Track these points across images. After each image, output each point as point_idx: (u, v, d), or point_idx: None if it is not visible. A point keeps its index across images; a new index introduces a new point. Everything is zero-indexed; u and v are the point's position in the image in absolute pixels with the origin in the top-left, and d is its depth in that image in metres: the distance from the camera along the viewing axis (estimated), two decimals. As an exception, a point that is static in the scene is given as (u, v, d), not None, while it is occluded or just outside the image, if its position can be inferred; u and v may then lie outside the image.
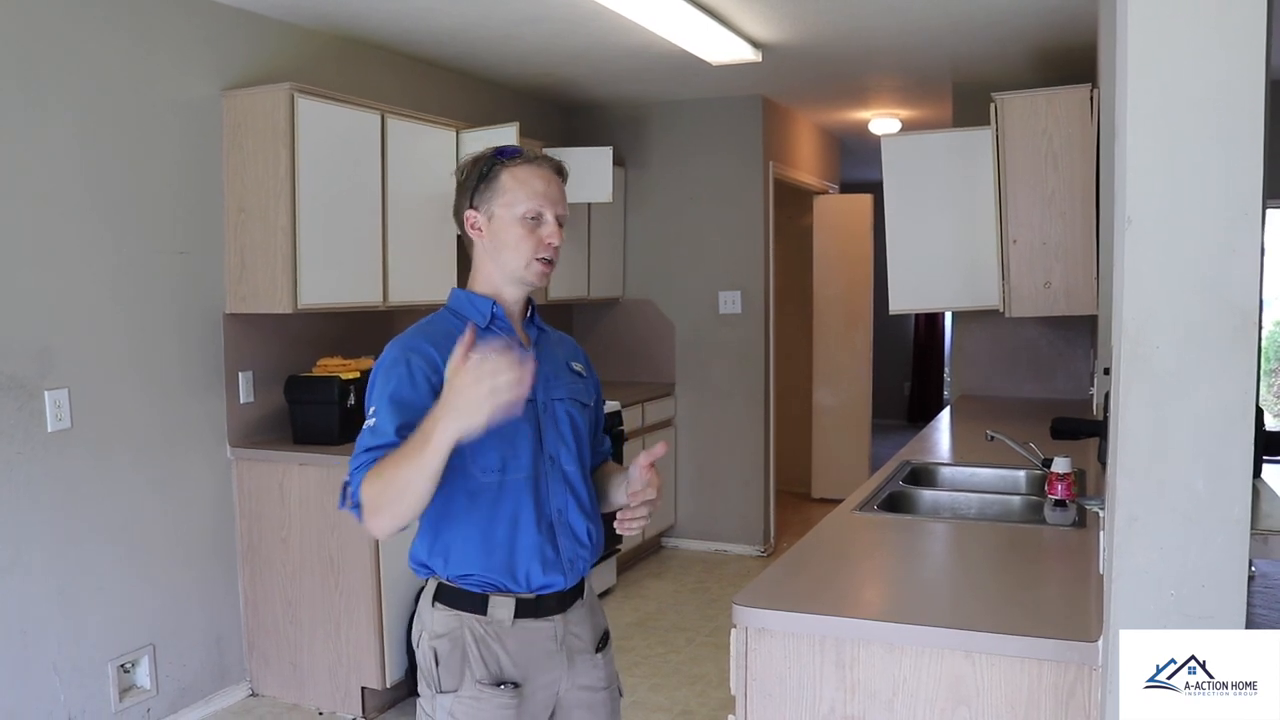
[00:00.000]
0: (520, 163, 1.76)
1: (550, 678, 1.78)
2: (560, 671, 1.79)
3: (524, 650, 1.75)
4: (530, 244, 1.74)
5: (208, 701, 3.55)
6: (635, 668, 3.99)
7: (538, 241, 1.74)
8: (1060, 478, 2.52)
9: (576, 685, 1.81)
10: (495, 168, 1.76)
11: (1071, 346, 4.78)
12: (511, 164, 1.75)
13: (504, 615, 1.73)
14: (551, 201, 1.75)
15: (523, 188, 1.74)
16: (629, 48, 4.32)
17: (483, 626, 1.73)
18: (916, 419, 9.68)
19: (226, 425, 3.62)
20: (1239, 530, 1.26)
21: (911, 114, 6.10)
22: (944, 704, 1.66)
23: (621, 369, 5.85)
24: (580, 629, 1.83)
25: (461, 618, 1.74)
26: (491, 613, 1.73)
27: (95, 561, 3.16)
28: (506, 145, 1.80)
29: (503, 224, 1.75)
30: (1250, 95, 1.20)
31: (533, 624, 1.75)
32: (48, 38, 2.99)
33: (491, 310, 1.77)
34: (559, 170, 1.80)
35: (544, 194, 1.74)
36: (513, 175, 1.75)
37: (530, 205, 1.74)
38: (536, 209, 1.74)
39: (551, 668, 1.78)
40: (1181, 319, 1.25)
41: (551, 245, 1.75)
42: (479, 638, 1.73)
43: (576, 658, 1.81)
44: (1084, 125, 3.66)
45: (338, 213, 3.65)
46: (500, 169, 1.76)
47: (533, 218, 1.74)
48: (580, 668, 1.81)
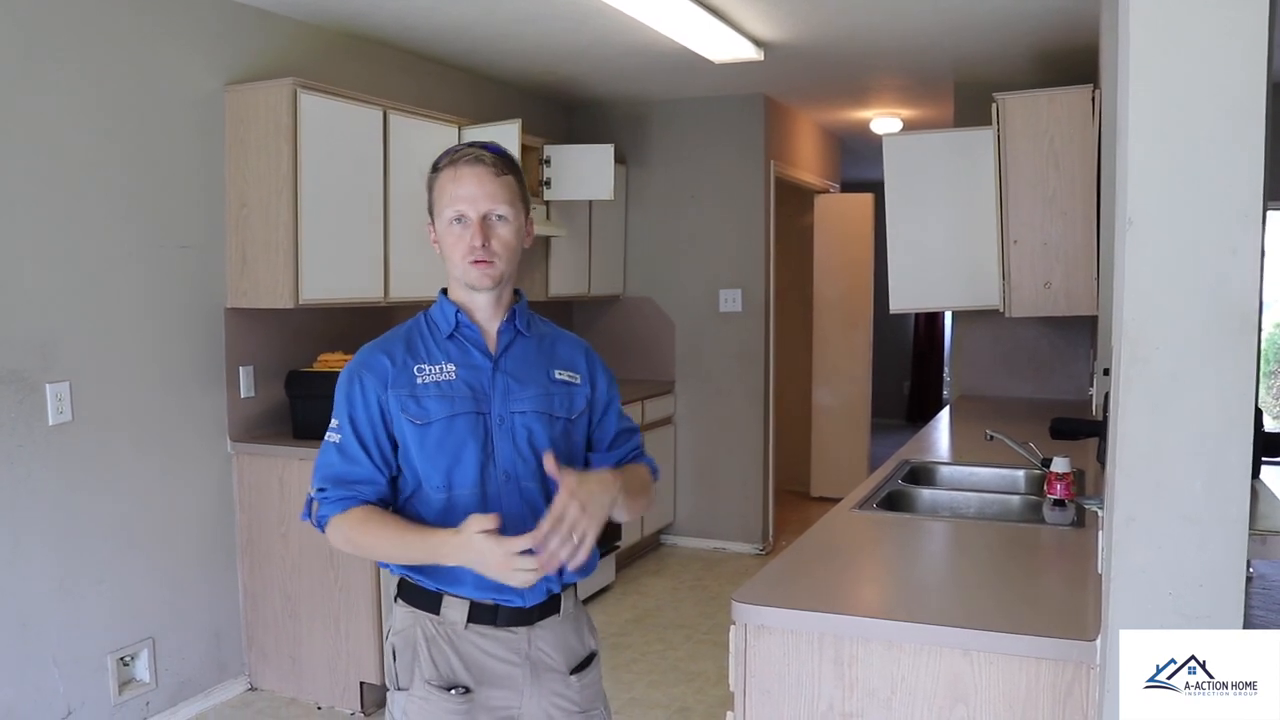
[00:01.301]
0: (445, 166, 1.72)
1: (508, 691, 1.72)
2: (522, 687, 1.73)
3: (477, 657, 1.71)
4: (460, 248, 1.71)
5: (207, 695, 3.56)
6: (633, 664, 4.00)
7: (464, 245, 1.70)
8: (1059, 477, 2.53)
9: (542, 705, 1.74)
10: (431, 178, 1.75)
11: (1071, 347, 4.78)
12: (439, 171, 1.73)
13: (456, 617, 1.70)
14: (472, 200, 1.69)
15: (444, 193, 1.71)
16: (631, 45, 4.32)
17: (434, 626, 1.71)
18: (916, 418, 9.69)
19: (227, 419, 3.63)
20: (1237, 531, 1.26)
21: (913, 113, 6.10)
22: (942, 702, 1.67)
23: (621, 366, 5.85)
24: (550, 647, 1.76)
25: (416, 615, 1.73)
26: (444, 613, 1.71)
27: (95, 554, 3.17)
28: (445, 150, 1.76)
29: (439, 232, 1.74)
30: (1252, 97, 1.21)
31: (489, 631, 1.71)
32: (50, 32, 2.99)
33: (456, 318, 1.76)
34: (494, 163, 1.71)
35: (464, 196, 1.69)
36: (437, 184, 1.73)
37: (453, 209, 1.70)
38: (458, 211, 1.70)
39: (510, 681, 1.72)
40: (1181, 320, 1.26)
41: (473, 246, 1.69)
42: (430, 637, 1.71)
43: (544, 675, 1.75)
44: (1085, 126, 3.67)
45: (339, 208, 3.65)
46: (434, 178, 1.74)
47: (457, 220, 1.70)
48: (547, 687, 1.75)
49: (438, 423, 1.69)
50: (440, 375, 1.72)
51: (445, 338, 1.76)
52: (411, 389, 1.70)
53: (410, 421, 1.69)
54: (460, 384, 1.72)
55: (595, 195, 4.96)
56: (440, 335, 1.76)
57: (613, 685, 3.73)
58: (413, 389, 1.70)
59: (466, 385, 1.72)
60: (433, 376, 1.71)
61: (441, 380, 1.71)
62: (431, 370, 1.72)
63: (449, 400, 1.70)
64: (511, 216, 1.72)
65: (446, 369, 1.72)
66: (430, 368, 1.72)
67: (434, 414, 1.69)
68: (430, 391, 1.70)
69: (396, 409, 1.69)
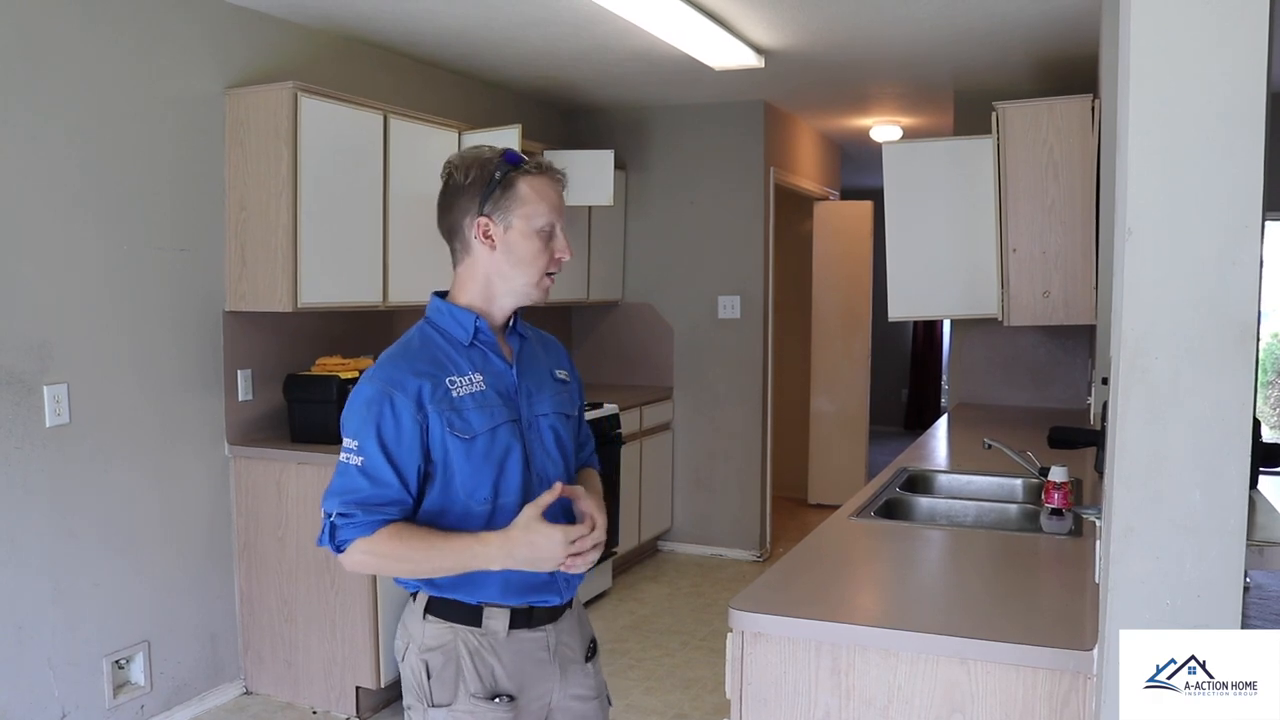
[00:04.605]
0: (537, 173, 1.70)
1: (544, 688, 1.76)
2: (553, 682, 1.77)
3: (518, 661, 1.72)
4: (544, 259, 1.70)
5: (202, 699, 3.55)
6: (630, 671, 3.99)
7: (549, 256, 1.71)
8: (1057, 486, 2.53)
9: (568, 695, 1.79)
10: (512, 175, 1.69)
11: (1069, 356, 4.79)
12: (529, 173, 1.70)
13: (499, 627, 1.70)
14: (560, 212, 1.72)
15: (543, 200, 1.69)
16: (632, 51, 4.32)
17: (477, 638, 1.70)
18: (914, 426, 9.69)
19: (225, 423, 3.62)
20: (1235, 541, 1.26)
21: (913, 121, 6.11)
22: (939, 711, 1.67)
23: (620, 372, 5.85)
24: (570, 639, 1.81)
25: (455, 630, 1.70)
26: (486, 624, 1.70)
27: (91, 557, 3.16)
28: (510, 149, 1.73)
29: (520, 236, 1.69)
30: (1251, 107, 1.21)
31: (526, 634, 1.73)
32: (51, 35, 2.99)
33: (475, 325, 1.72)
34: (561, 178, 1.76)
35: (558, 207, 1.71)
36: (531, 186, 1.69)
37: (548, 219, 1.70)
38: (553, 222, 1.70)
39: (545, 678, 1.76)
40: (1180, 330, 1.26)
41: (563, 260, 1.72)
42: (473, 650, 1.69)
43: (569, 668, 1.79)
44: (1085, 135, 3.67)
45: (339, 212, 3.65)
46: (518, 178, 1.69)
47: (548, 231, 1.70)
48: (572, 678, 1.80)
49: (482, 435, 1.66)
50: (472, 387, 1.68)
51: (465, 346, 1.72)
52: (451, 403, 1.65)
53: (457, 436, 1.64)
54: (491, 393, 1.70)
55: (595, 201, 4.97)
56: (458, 344, 1.72)
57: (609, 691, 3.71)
58: (452, 403, 1.65)
59: (497, 394, 1.71)
60: (466, 389, 1.67)
61: (475, 392, 1.68)
62: (463, 382, 1.68)
63: (488, 411, 1.68)
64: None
65: (475, 379, 1.69)
66: (461, 380, 1.68)
67: (477, 426, 1.66)
68: (468, 404, 1.66)
69: (440, 425, 1.63)
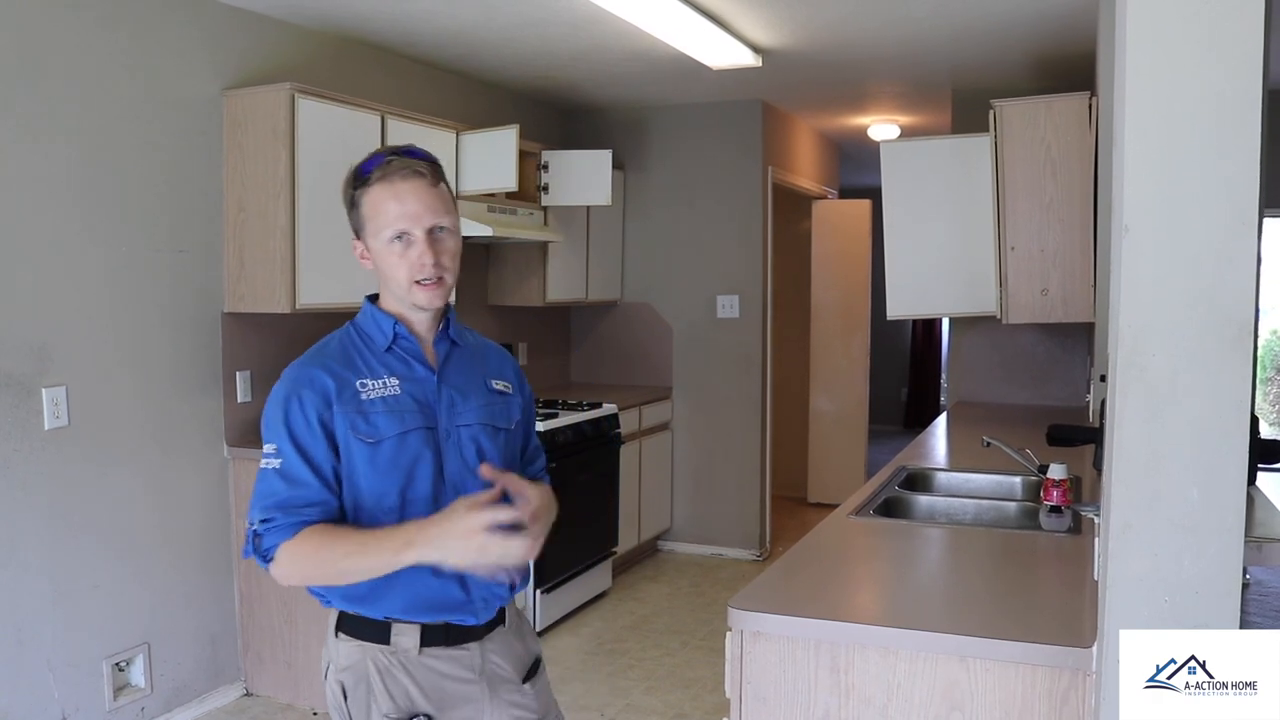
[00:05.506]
0: (374, 182, 1.61)
1: (469, 710, 1.67)
2: (481, 702, 1.68)
3: (435, 680, 1.64)
4: (404, 269, 1.61)
5: (202, 701, 3.55)
6: (630, 670, 3.99)
7: (410, 265, 1.61)
8: (1056, 484, 2.53)
9: (503, 716, 1.70)
10: (355, 194, 1.64)
11: (1068, 353, 4.79)
12: (366, 187, 1.62)
13: (409, 644, 1.62)
14: (415, 216, 1.60)
15: (380, 210, 1.61)
16: (630, 51, 4.32)
17: (386, 657, 1.62)
18: (913, 425, 9.69)
19: (224, 424, 3.62)
20: (1233, 538, 1.26)
21: (911, 120, 6.11)
22: (938, 709, 1.67)
23: (619, 372, 5.85)
24: (502, 658, 1.72)
25: (365, 648, 1.63)
26: (395, 641, 1.62)
27: (91, 559, 3.16)
28: (365, 160, 1.65)
29: (377, 253, 1.63)
30: (1248, 105, 1.21)
31: (444, 652, 1.64)
32: (48, 37, 2.99)
33: (394, 330, 1.67)
34: (430, 173, 1.63)
35: (405, 212, 1.59)
36: (369, 200, 1.62)
37: (393, 228, 1.60)
38: (400, 229, 1.60)
39: (469, 699, 1.67)
40: (1178, 327, 1.26)
41: (425, 265, 1.60)
42: (383, 669, 1.61)
43: (500, 687, 1.70)
44: (1082, 133, 3.67)
45: (337, 213, 3.63)
46: (360, 195, 1.63)
47: (399, 238, 1.61)
48: (504, 698, 1.71)
49: (389, 440, 1.61)
50: (385, 390, 1.63)
51: (383, 351, 1.67)
52: (358, 406, 1.60)
53: (361, 440, 1.59)
54: (406, 398, 1.64)
55: (593, 200, 4.96)
56: (377, 348, 1.67)
57: (609, 691, 3.72)
58: (359, 406, 1.60)
59: (413, 399, 1.65)
60: (378, 392, 1.62)
61: (387, 395, 1.63)
62: (375, 385, 1.63)
63: (398, 416, 1.62)
64: (452, 226, 1.66)
65: (390, 383, 1.64)
66: (373, 383, 1.63)
67: (385, 431, 1.61)
68: (378, 407, 1.61)
69: (344, 428, 1.59)
